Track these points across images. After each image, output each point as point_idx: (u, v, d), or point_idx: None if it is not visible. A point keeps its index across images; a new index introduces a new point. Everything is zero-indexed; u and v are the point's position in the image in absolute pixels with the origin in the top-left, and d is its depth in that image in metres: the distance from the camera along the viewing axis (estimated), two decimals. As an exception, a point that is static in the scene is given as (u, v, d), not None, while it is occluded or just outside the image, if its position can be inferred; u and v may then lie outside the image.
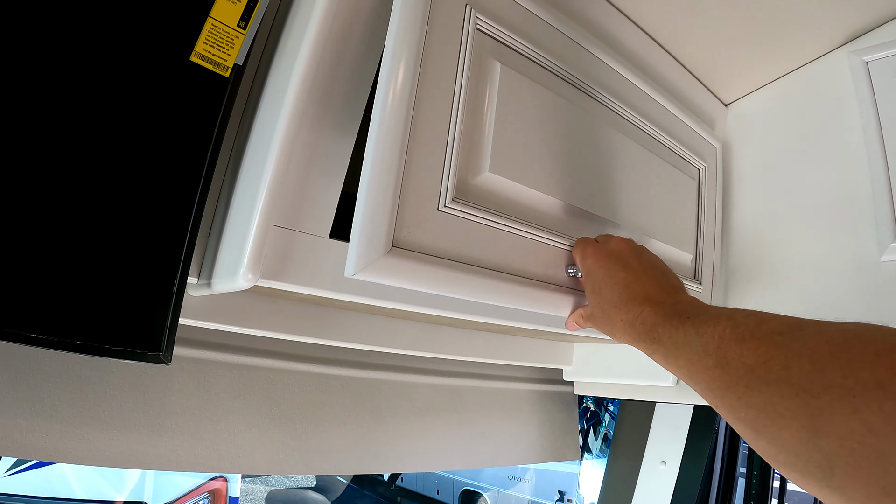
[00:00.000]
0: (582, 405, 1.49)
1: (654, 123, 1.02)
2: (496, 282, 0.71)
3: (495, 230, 0.72)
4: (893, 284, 0.97)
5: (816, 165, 1.11)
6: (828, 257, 1.05)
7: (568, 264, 0.78)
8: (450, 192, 0.66)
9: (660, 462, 1.54)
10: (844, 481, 0.33)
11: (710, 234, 1.15)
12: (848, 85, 1.08)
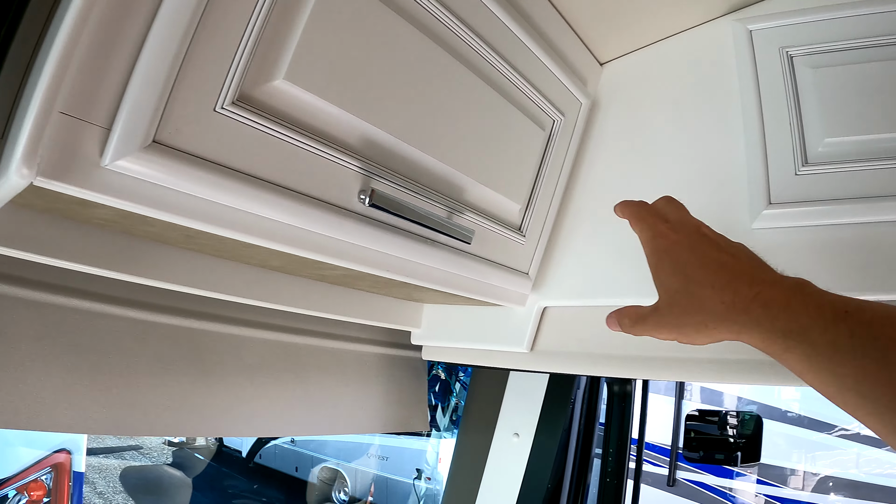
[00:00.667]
0: (432, 373, 1.53)
1: (513, 66, 1.02)
2: (277, 198, 0.70)
3: (281, 142, 0.70)
4: (762, 250, 1.03)
5: (689, 132, 1.13)
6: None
7: None
8: (231, 93, 0.64)
9: (513, 434, 1.57)
10: None
11: (550, 188, 1.17)
12: (729, 53, 1.10)
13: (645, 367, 1.13)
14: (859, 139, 0.98)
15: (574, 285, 1.19)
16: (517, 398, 1.57)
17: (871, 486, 4.44)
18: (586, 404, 1.70)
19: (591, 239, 1.20)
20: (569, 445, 1.61)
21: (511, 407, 1.58)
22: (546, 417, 1.52)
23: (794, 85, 1.04)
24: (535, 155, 1.12)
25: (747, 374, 1.05)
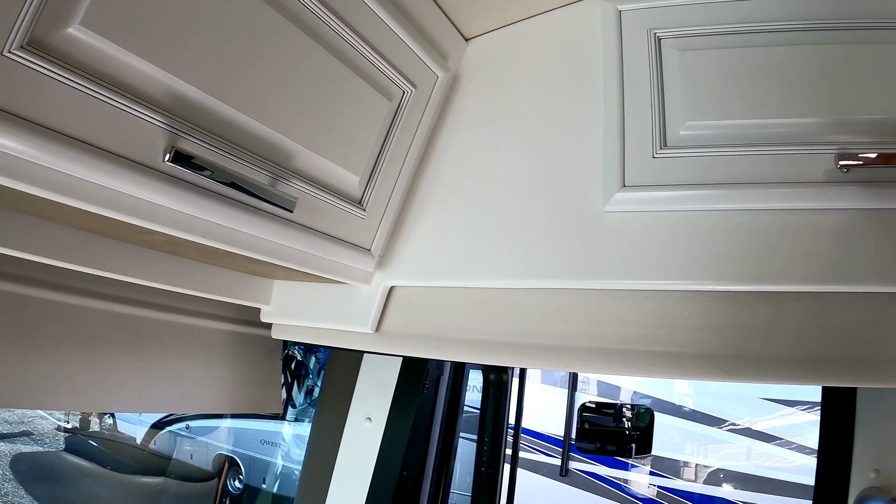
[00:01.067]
0: (286, 352, 1.53)
1: (357, 33, 1.00)
2: (71, 151, 0.67)
3: (77, 93, 0.67)
4: (615, 234, 1.02)
5: (550, 111, 1.14)
6: (549, 203, 1.08)
7: None
8: (20, 37, 0.61)
9: (365, 419, 1.57)
10: None
11: (397, 162, 1.16)
12: (597, 34, 1.11)
13: (493, 352, 1.13)
14: (720, 124, 1.00)
15: (422, 265, 1.18)
16: (370, 382, 1.57)
17: (760, 478, 4.78)
18: (450, 390, 1.71)
19: (443, 218, 1.19)
20: (432, 431, 1.62)
21: (364, 391, 1.58)
22: (398, 402, 1.52)
23: (659, 67, 1.05)
24: (378, 125, 1.11)
25: (590, 362, 1.07)
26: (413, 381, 1.53)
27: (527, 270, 1.06)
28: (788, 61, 0.99)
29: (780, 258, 0.96)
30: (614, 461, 5.12)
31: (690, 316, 1.03)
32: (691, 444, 5.21)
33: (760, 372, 1.00)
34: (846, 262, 0.94)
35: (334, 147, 1.03)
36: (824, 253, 0.95)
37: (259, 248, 0.98)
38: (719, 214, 0.99)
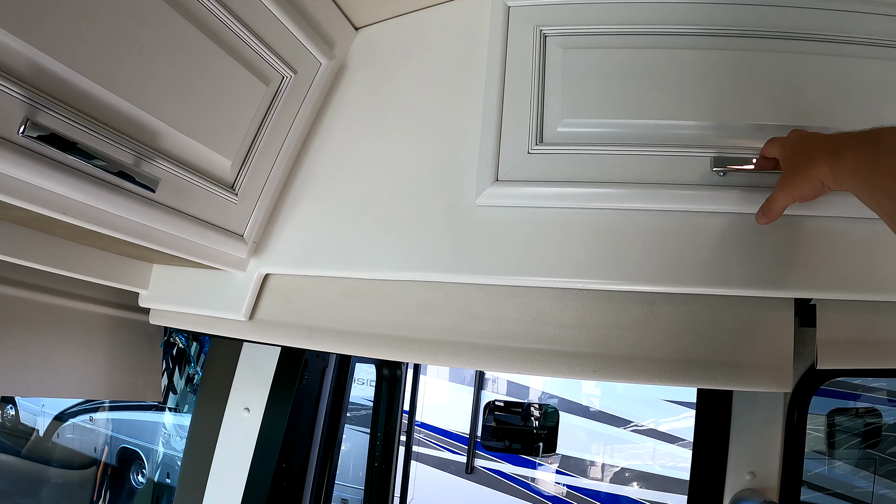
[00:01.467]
0: (166, 338, 1.53)
1: (234, 14, 1.00)
2: None
3: None
4: (486, 229, 1.06)
5: (430, 104, 1.17)
6: (423, 195, 1.11)
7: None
8: None
9: (243, 409, 1.58)
10: None
11: (274, 147, 1.17)
12: (485, 30, 1.15)
13: (362, 343, 1.16)
14: (599, 122, 1.04)
15: (297, 253, 1.20)
16: (249, 371, 1.58)
17: (664, 478, 5.03)
18: (335, 383, 1.74)
19: (320, 206, 1.20)
20: (316, 423, 1.65)
21: (243, 380, 1.58)
22: (276, 393, 1.53)
23: (542, 63, 1.09)
24: (252, 109, 1.11)
25: (458, 357, 1.11)
26: (291, 371, 1.55)
27: (397, 263, 1.09)
28: (671, 64, 1.04)
29: (653, 259, 1.00)
30: (521, 459, 5.28)
31: (560, 313, 1.08)
32: (598, 444, 5.42)
33: (630, 372, 1.05)
34: (719, 265, 0.99)
35: (204, 129, 1.03)
36: (697, 256, 1.00)
37: (123, 227, 0.98)
38: (593, 213, 1.03)
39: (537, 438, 3.61)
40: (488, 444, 3.62)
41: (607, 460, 5.30)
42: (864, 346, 1.06)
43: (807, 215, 0.98)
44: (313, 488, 1.72)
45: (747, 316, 1.05)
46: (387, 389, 1.91)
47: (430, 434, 5.57)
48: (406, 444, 1.91)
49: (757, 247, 1.00)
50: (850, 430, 3.29)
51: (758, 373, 1.04)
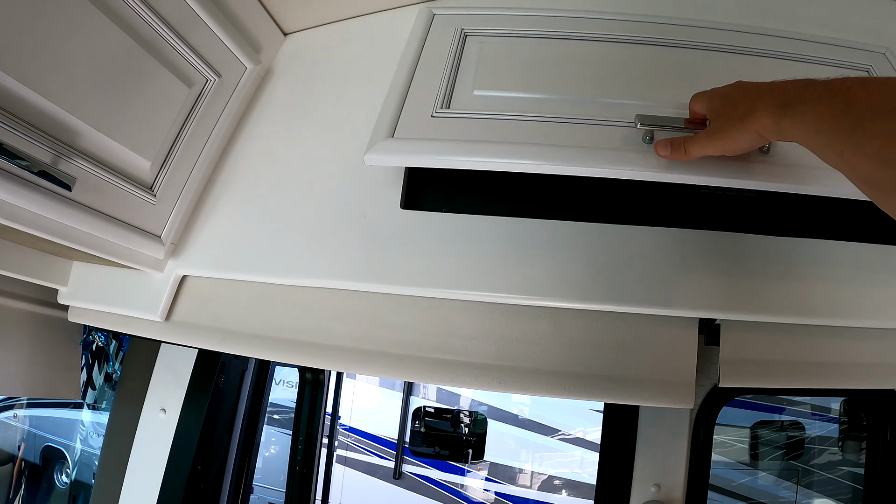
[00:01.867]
0: (86, 336, 1.54)
1: (162, 18, 1.04)
2: None
3: None
4: (398, 239, 1.12)
5: (351, 112, 1.22)
6: (338, 204, 1.17)
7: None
8: None
9: (160, 409, 1.61)
10: None
11: (195, 150, 1.20)
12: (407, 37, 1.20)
13: (274, 348, 1.20)
14: (503, 94, 1.08)
15: (214, 256, 1.23)
16: (166, 372, 1.61)
17: (591, 486, 5.14)
18: (254, 386, 1.78)
19: (238, 210, 1.24)
20: (234, 426, 1.68)
21: (160, 381, 1.61)
22: (193, 394, 1.57)
23: (459, 52, 1.14)
24: (174, 112, 1.14)
25: (368, 365, 1.16)
26: (207, 373, 1.58)
27: (310, 270, 1.13)
28: (590, 58, 1.11)
29: (559, 275, 1.07)
30: (449, 466, 5.36)
31: (468, 325, 1.13)
32: (526, 452, 5.53)
33: (535, 385, 1.11)
34: (624, 283, 1.05)
35: (124, 129, 1.06)
36: (602, 273, 1.06)
37: (38, 224, 1.00)
38: (501, 222, 1.10)
39: (466, 445, 3.66)
40: (417, 450, 3.67)
41: (536, 468, 5.42)
42: (766, 365, 1.13)
43: (713, 232, 1.07)
44: (230, 491, 1.75)
45: (652, 333, 1.12)
46: (309, 393, 1.95)
47: (358, 438, 5.62)
48: (328, 447, 1.94)
49: (662, 266, 1.06)
50: (774, 443, 3.42)
51: (661, 389, 1.10)
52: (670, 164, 0.92)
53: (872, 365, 1.18)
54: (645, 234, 1.08)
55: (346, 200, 1.13)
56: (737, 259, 1.07)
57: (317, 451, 1.87)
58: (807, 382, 1.16)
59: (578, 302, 1.04)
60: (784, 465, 3.39)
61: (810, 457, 3.30)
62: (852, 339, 1.17)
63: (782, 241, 1.09)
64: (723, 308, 1.06)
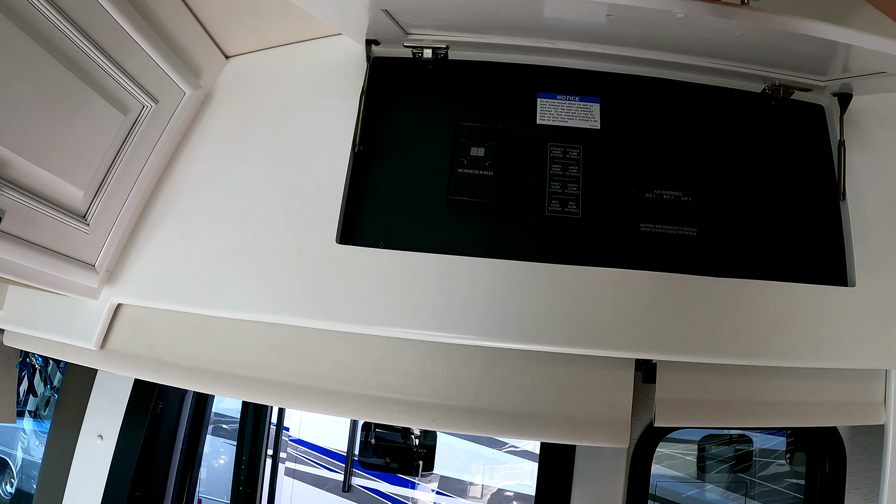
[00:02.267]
0: (24, 359, 1.56)
1: (98, 46, 1.04)
2: None
3: None
4: (332, 275, 1.13)
5: (291, 141, 1.24)
6: (276, 236, 1.18)
7: None
8: None
9: (97, 436, 1.61)
10: None
11: (130, 178, 1.20)
12: (348, 67, 1.25)
13: (209, 381, 1.21)
14: None
15: (150, 285, 1.23)
16: (103, 398, 1.61)
17: None
18: (193, 410, 1.80)
19: (175, 239, 1.24)
20: (173, 451, 1.70)
21: (97, 407, 1.62)
22: (130, 421, 1.58)
23: None
24: (108, 140, 1.14)
25: (301, 399, 1.18)
26: (145, 399, 1.59)
27: (246, 302, 1.15)
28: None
29: (493, 315, 1.09)
30: (399, 479, 5.39)
31: (403, 362, 1.16)
32: (476, 465, 5.58)
33: (469, 423, 1.14)
34: (558, 324, 1.09)
35: (55, 159, 1.06)
36: (536, 313, 1.08)
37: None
38: (435, 261, 1.13)
39: (416, 457, 3.69)
40: (366, 462, 3.69)
41: (486, 481, 5.46)
42: (702, 405, 1.17)
43: (651, 273, 1.11)
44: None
45: (587, 373, 1.15)
46: (253, 412, 1.97)
47: (307, 451, 5.62)
48: (273, 462, 1.96)
49: (598, 306, 1.10)
50: (722, 455, 3.50)
51: (596, 429, 1.13)
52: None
53: (813, 403, 1.22)
54: (581, 274, 1.11)
55: (283, 233, 1.15)
56: (674, 300, 1.11)
57: (261, 469, 1.89)
58: (746, 421, 1.20)
59: (513, 342, 1.07)
60: (732, 477, 3.47)
61: (758, 469, 3.37)
62: (793, 379, 1.21)
63: (720, 282, 1.13)
64: (659, 349, 1.09)
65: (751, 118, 1.23)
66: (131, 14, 1.07)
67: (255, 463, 1.82)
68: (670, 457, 3.70)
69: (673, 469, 3.74)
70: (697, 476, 3.53)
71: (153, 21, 1.13)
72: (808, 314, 1.12)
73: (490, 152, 1.16)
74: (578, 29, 1.10)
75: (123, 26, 1.08)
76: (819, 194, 1.21)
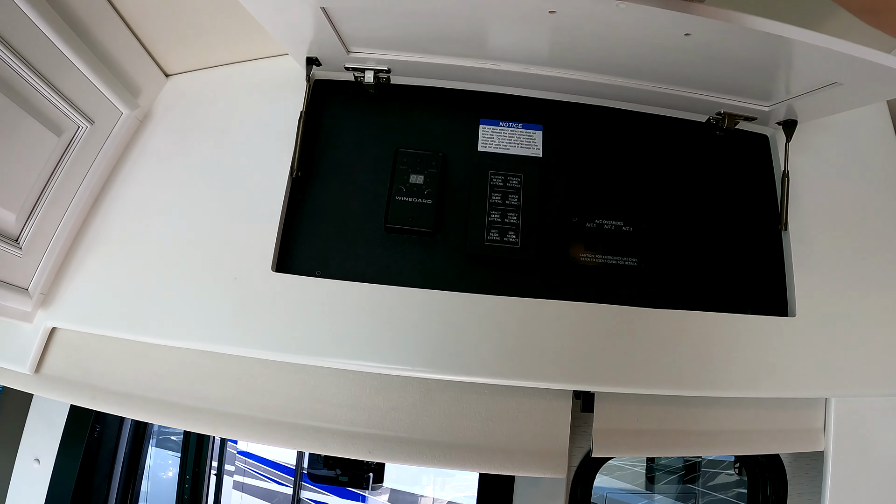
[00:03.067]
0: None
1: (29, 64, 1.03)
2: None
3: None
4: (268, 303, 1.13)
5: (226, 162, 1.24)
6: (210, 262, 1.17)
7: None
8: None
9: (34, 460, 1.60)
10: None
11: (64, 200, 1.20)
12: (289, 89, 1.26)
13: (143, 408, 1.21)
14: None
15: (85, 309, 1.22)
16: (39, 421, 1.60)
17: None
18: (133, 432, 1.78)
19: (111, 262, 1.24)
20: (113, 473, 1.68)
21: (33, 430, 1.60)
22: (67, 444, 1.57)
23: None
24: (41, 161, 1.14)
25: (236, 429, 1.18)
26: (82, 423, 1.58)
27: (180, 329, 1.14)
28: None
29: (428, 345, 1.09)
30: (348, 492, 5.40)
31: (337, 392, 1.16)
32: (427, 477, 5.61)
33: (405, 454, 1.14)
34: (494, 354, 1.09)
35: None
36: (472, 344, 1.10)
37: None
38: (368, 291, 1.13)
39: (367, 469, 3.69)
40: (316, 475, 3.68)
41: (436, 493, 5.48)
42: (639, 434, 1.18)
43: (588, 304, 1.12)
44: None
45: (524, 404, 1.16)
46: (196, 434, 1.96)
47: (255, 464, 5.62)
48: (217, 478, 1.96)
49: (535, 338, 1.10)
50: (671, 467, 3.56)
51: (534, 460, 1.14)
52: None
53: (754, 431, 1.24)
54: (519, 305, 1.12)
55: (218, 259, 1.14)
56: (613, 331, 1.12)
57: (205, 484, 1.88)
58: (686, 450, 1.21)
59: (449, 373, 1.08)
60: (681, 488, 3.52)
61: (707, 479, 3.42)
62: (734, 408, 1.23)
63: (660, 313, 1.14)
64: (597, 381, 1.10)
65: (695, 148, 1.24)
66: (66, 32, 1.06)
67: (199, 478, 1.80)
68: (620, 468, 3.75)
69: (622, 480, 3.79)
70: (647, 487, 3.59)
71: (89, 39, 1.13)
72: (749, 344, 1.14)
73: (429, 180, 1.15)
74: (522, 45, 1.09)
75: (58, 45, 1.07)
76: (762, 225, 1.22)
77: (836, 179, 1.30)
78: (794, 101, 1.18)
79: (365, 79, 1.24)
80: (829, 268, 1.23)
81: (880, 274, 1.24)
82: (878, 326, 1.20)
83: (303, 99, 1.21)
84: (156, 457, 2.26)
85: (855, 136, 1.35)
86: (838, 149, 1.32)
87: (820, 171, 1.30)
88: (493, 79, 1.25)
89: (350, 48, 1.20)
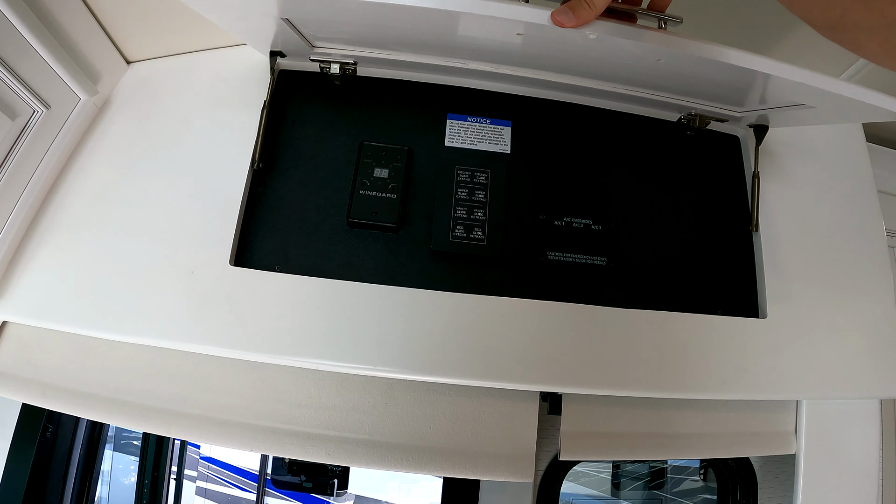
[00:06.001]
0: None
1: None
2: None
3: None
4: (226, 298, 1.08)
5: (185, 152, 1.20)
6: (166, 255, 1.12)
7: None
8: None
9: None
10: None
11: (18, 186, 1.15)
12: (252, 78, 1.23)
13: (95, 407, 1.16)
14: None
15: (36, 302, 1.18)
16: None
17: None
18: (89, 433, 1.74)
19: (65, 254, 1.19)
20: (67, 476, 1.63)
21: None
22: (18, 446, 1.52)
23: None
24: (3, 148, 1.10)
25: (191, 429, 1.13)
26: (33, 424, 1.53)
27: (133, 325, 1.10)
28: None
29: (390, 344, 1.06)
30: (313, 499, 5.35)
31: (296, 392, 1.13)
32: (392, 483, 5.58)
33: (366, 457, 1.11)
34: (458, 354, 1.06)
35: None
36: (435, 343, 1.06)
37: None
38: (327, 287, 1.10)
39: (331, 475, 3.63)
40: (279, 482, 3.61)
41: (401, 500, 5.46)
42: (607, 437, 1.16)
43: (555, 303, 1.10)
44: (65, 547, 1.70)
45: (490, 405, 1.13)
46: (155, 438, 1.91)
47: (219, 470, 5.53)
48: (177, 484, 1.91)
49: (501, 337, 1.07)
50: (636, 473, 3.57)
51: (500, 463, 1.11)
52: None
53: (724, 434, 1.22)
54: (485, 304, 1.09)
55: (175, 252, 1.10)
56: (581, 331, 1.09)
57: (165, 490, 1.83)
58: (655, 454, 1.19)
59: (412, 373, 1.04)
60: (647, 494, 3.53)
61: (672, 485, 3.43)
62: (704, 410, 1.21)
63: (628, 313, 1.12)
64: (564, 382, 1.07)
65: (666, 147, 1.22)
66: (25, 13, 1.02)
67: (158, 483, 1.75)
68: (585, 474, 3.74)
69: (588, 487, 3.78)
70: (612, 493, 3.59)
71: (48, 20, 1.08)
72: (719, 346, 1.12)
73: (394, 174, 1.12)
74: (491, 49, 1.06)
75: (15, 24, 1.02)
76: (732, 225, 1.21)
77: (807, 182, 1.29)
78: (766, 111, 1.16)
79: (331, 70, 1.20)
80: (801, 269, 1.21)
81: (852, 276, 1.23)
82: (849, 329, 1.19)
83: (267, 89, 1.17)
84: (116, 461, 2.20)
85: (827, 139, 1.34)
86: (810, 151, 1.31)
87: (791, 172, 1.29)
88: (461, 74, 1.23)
89: (315, 44, 1.17)
